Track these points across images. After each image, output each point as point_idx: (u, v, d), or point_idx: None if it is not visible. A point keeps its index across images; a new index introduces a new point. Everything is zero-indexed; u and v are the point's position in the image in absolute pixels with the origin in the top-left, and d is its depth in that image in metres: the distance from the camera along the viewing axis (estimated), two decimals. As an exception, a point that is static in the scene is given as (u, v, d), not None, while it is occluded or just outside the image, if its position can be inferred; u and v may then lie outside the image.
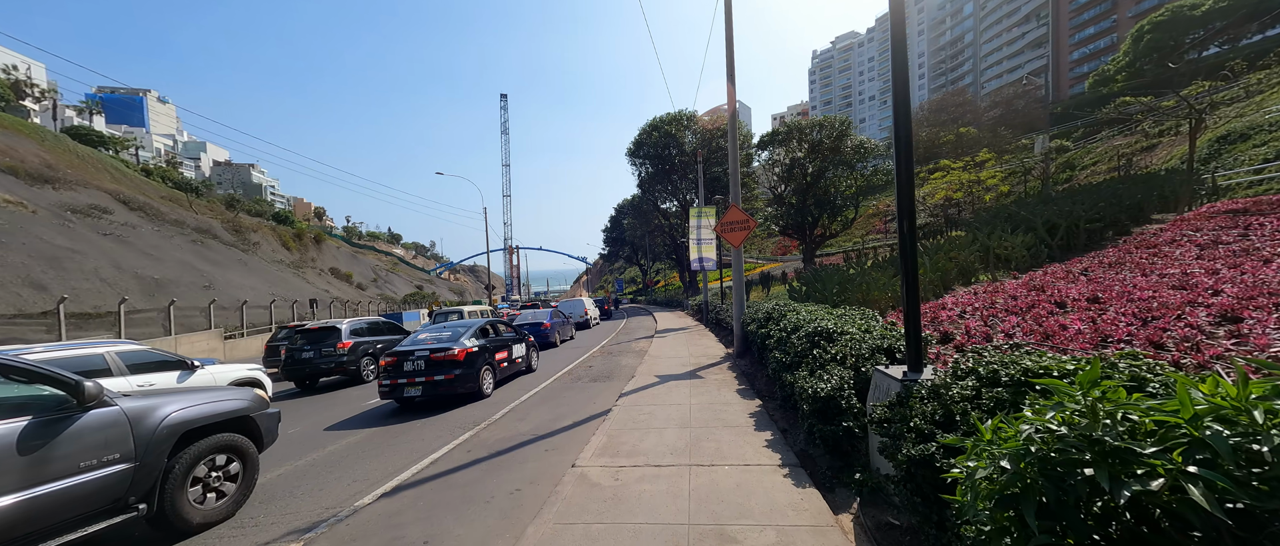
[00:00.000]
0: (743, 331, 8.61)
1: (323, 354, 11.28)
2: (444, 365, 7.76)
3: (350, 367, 11.52)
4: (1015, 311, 5.57)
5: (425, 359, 7.77)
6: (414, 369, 7.77)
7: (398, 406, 8.04)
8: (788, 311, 5.74)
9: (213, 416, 4.05)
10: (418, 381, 7.69)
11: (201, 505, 3.92)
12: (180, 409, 3.81)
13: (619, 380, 7.95)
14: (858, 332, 4.09)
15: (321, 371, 11.59)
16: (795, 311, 5.56)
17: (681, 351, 10.58)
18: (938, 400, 2.32)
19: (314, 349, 11.50)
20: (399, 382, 7.78)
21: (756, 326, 6.45)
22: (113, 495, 3.28)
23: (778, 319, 5.85)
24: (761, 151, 36.81)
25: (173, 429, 3.69)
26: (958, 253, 9.43)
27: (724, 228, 8.73)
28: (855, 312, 5.44)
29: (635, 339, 15.24)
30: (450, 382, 7.70)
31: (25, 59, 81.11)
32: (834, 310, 5.66)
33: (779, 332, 5.18)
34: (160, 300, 25.52)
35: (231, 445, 4.19)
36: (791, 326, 5.07)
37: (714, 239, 16.73)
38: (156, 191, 49.85)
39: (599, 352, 12.52)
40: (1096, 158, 36.20)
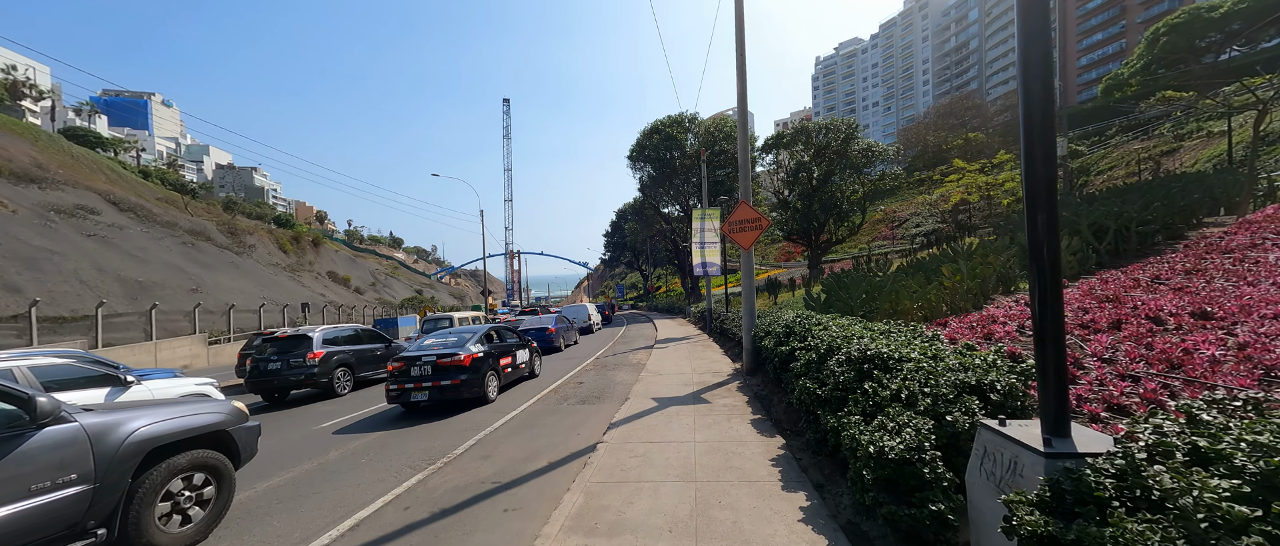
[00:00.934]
0: (754, 346, 7.49)
1: (291, 365, 10.41)
2: (450, 370, 7.82)
3: (321, 380, 10.59)
4: (1097, 328, 4.51)
5: (432, 364, 7.82)
6: (421, 374, 7.81)
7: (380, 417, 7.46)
8: (813, 325, 4.65)
9: (184, 431, 3.72)
10: (424, 386, 7.73)
11: (169, 529, 3.59)
12: (148, 424, 3.50)
13: (610, 402, 6.84)
14: (925, 360, 3.02)
15: (290, 384, 10.62)
16: (823, 325, 4.54)
17: (683, 366, 9.47)
18: (1183, 526, 1.20)
19: (282, 359, 10.60)
20: (406, 387, 7.81)
21: (773, 342, 5.40)
22: (68, 520, 3.02)
23: (802, 334, 4.81)
24: (766, 155, 35.88)
25: (138, 446, 3.39)
26: (993, 257, 8.35)
27: (732, 227, 7.63)
28: (897, 328, 4.42)
29: (633, 349, 14.15)
30: (456, 387, 7.75)
31: (28, 61, 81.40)
32: (871, 325, 4.63)
33: (808, 354, 4.12)
34: (143, 303, 24.59)
35: (205, 462, 3.84)
36: (825, 346, 3.97)
37: (718, 242, 15.71)
38: (152, 193, 49.25)
39: (592, 366, 11.37)
40: (1113, 162, 35.15)
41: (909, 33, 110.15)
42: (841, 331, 4.01)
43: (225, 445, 4.10)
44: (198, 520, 3.76)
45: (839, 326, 4.33)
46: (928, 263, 8.96)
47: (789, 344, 4.71)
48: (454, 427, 6.51)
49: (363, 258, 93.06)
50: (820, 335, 4.30)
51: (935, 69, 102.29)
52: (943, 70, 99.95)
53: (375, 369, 12.27)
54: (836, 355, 3.54)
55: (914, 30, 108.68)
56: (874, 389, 2.88)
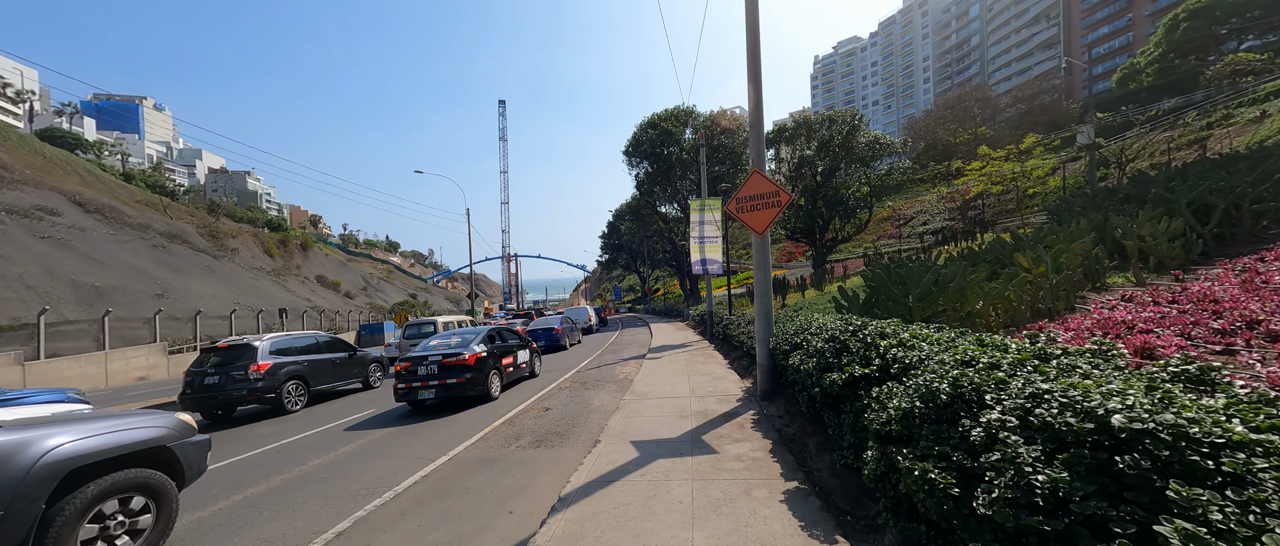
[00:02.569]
0: (771, 362, 5.69)
1: (232, 378, 9.18)
2: (456, 369, 8.04)
3: (267, 395, 9.33)
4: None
5: (438, 363, 8.06)
6: (428, 373, 8.04)
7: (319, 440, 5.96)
8: (888, 339, 2.99)
9: (114, 448, 3.25)
10: (431, 384, 7.95)
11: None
12: (69, 440, 3.05)
13: (574, 446, 4.85)
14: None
15: (232, 400, 9.31)
16: (908, 342, 2.69)
17: (679, 384, 7.49)
18: None
19: (221, 372, 9.35)
20: (413, 386, 8.04)
21: (813, 363, 3.59)
22: None
23: (864, 352, 3.02)
24: (766, 151, 34.17)
25: (53, 467, 2.94)
26: (1079, 244, 6.54)
27: (742, 205, 5.65)
28: (995, 340, 2.66)
29: (622, 359, 12.26)
30: (462, 385, 7.98)
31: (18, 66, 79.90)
32: (960, 337, 2.86)
33: (900, 397, 2.28)
34: (98, 310, 22.72)
35: (141, 483, 3.35)
36: (946, 386, 2.06)
37: (719, 237, 13.93)
38: (131, 195, 47.50)
39: (569, 382, 9.25)
40: (1133, 153, 33.32)
41: (909, 30, 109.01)
42: (950, 353, 2.27)
43: (166, 462, 3.62)
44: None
45: (938, 344, 2.58)
46: (983, 253, 7.14)
47: (845, 370, 2.82)
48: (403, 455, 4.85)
49: (356, 262, 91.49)
50: (909, 357, 2.53)
51: (936, 66, 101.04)
52: (944, 67, 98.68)
53: (336, 380, 11.02)
54: (990, 408, 1.74)
55: (914, 27, 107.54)
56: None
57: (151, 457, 3.55)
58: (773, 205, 5.59)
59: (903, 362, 2.62)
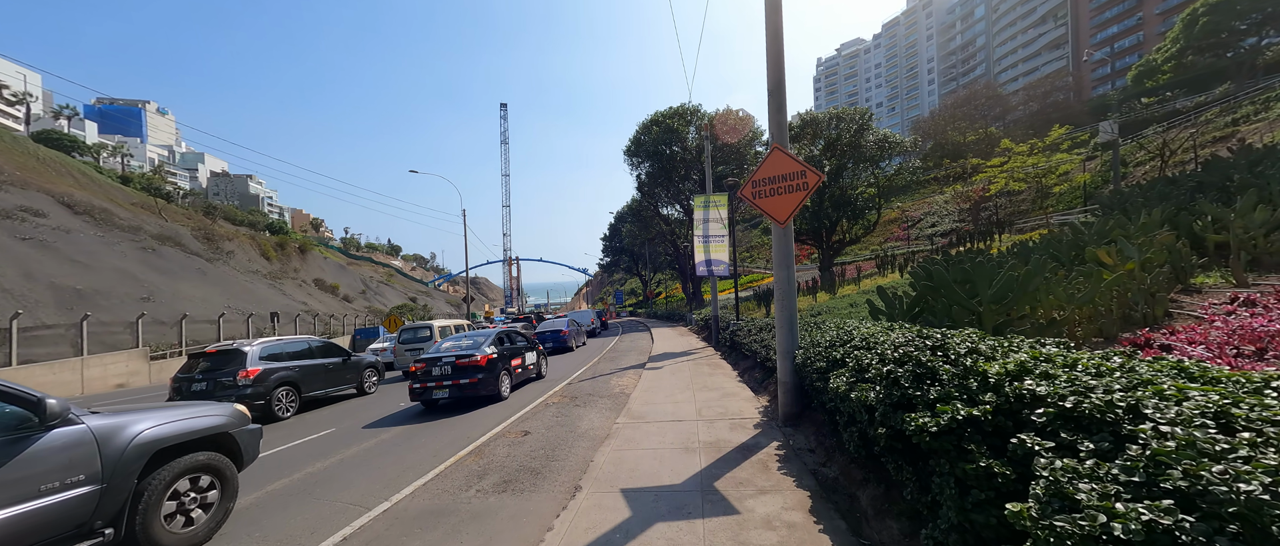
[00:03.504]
0: (796, 378, 4.67)
1: (220, 385, 8.93)
2: (469, 369, 8.30)
3: (256, 402, 8.94)
4: None
5: (452, 364, 8.33)
6: (442, 373, 8.30)
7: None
8: (998, 362, 1.85)
9: (188, 434, 3.73)
10: (445, 384, 8.22)
11: (175, 529, 3.58)
12: (152, 426, 3.52)
13: (549, 491, 3.81)
14: None
15: None
16: (1030, 366, 1.79)
17: (683, 403, 6.38)
18: None
19: (209, 379, 9.12)
20: (428, 386, 8.31)
21: (881, 393, 2.51)
22: (77, 520, 3.04)
23: (960, 380, 2.05)
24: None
25: (143, 448, 3.40)
26: (1165, 236, 5.48)
27: (760, 189, 4.66)
28: (1142, 361, 1.66)
29: (619, 369, 11.14)
30: (474, 385, 8.24)
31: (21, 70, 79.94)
32: (1071, 353, 1.88)
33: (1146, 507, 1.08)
34: (79, 314, 21.84)
35: (208, 465, 3.82)
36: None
37: (725, 235, 12.92)
38: (126, 197, 46.92)
39: (558, 397, 8.16)
40: (1153, 152, 32.19)
41: (913, 32, 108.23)
42: (1151, 393, 1.34)
43: (228, 447, 4.08)
44: (201, 522, 3.73)
45: (1095, 371, 1.61)
46: (1043, 245, 6.09)
47: (941, 410, 1.88)
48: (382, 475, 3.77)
49: (357, 265, 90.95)
50: (1053, 393, 1.60)
51: (941, 68, 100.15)
52: (948, 69, 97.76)
53: (329, 387, 10.73)
54: None
55: (918, 29, 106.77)
56: None
57: (216, 443, 3.99)
58: (798, 188, 4.57)
59: (1046, 403, 1.63)
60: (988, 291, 3.63)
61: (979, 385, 2.06)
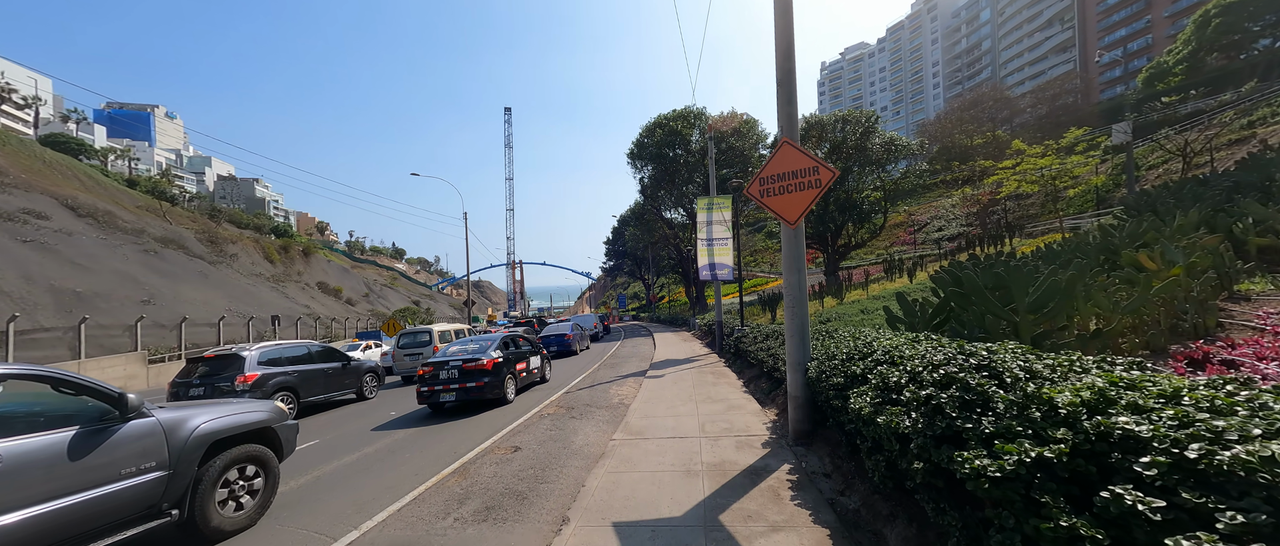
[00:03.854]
0: (808, 393, 4.29)
1: (217, 390, 8.83)
2: (475, 373, 8.44)
3: None
4: None
5: (458, 368, 8.45)
6: (449, 377, 8.42)
7: None
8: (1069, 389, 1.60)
9: (238, 427, 4.11)
10: (452, 388, 8.35)
11: (227, 513, 3.94)
12: (209, 419, 3.90)
13: (535, 521, 3.43)
14: None
15: None
16: (1110, 394, 1.37)
17: (686, 417, 5.97)
18: None
19: (206, 384, 9.05)
20: (435, 389, 8.43)
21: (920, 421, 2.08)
22: (149, 501, 3.40)
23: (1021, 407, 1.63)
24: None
25: (202, 439, 3.77)
26: (1211, 238, 5.05)
27: (768, 187, 4.30)
28: None
29: (619, 377, 10.63)
30: (480, 389, 8.36)
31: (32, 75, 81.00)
32: (1248, 390, 1.54)
33: None
34: (78, 317, 21.71)
35: (255, 456, 4.20)
36: None
37: (729, 238, 12.55)
38: (132, 200, 47.14)
39: (553, 408, 7.67)
40: (1166, 155, 31.67)
41: (918, 36, 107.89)
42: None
43: (271, 441, 4.43)
44: (248, 507, 4.08)
45: (1212, 405, 1.26)
46: (1070, 249, 5.69)
47: (1005, 449, 1.49)
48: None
49: (361, 268, 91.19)
50: (1156, 435, 1.24)
51: (946, 72, 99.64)
52: (953, 73, 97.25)
53: (328, 392, 10.67)
54: None
55: (923, 33, 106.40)
56: None
57: (260, 436, 4.35)
58: (810, 185, 4.20)
59: (1152, 449, 1.25)
60: (1026, 298, 3.24)
61: (1044, 416, 1.68)
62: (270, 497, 4.27)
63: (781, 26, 4.43)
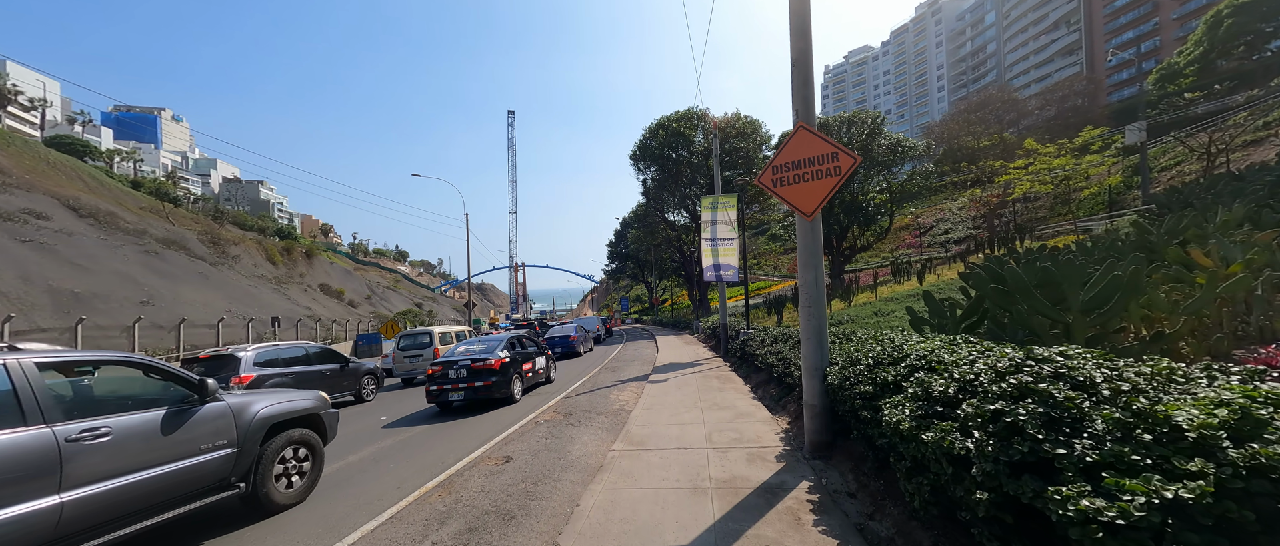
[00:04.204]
0: (827, 400, 3.90)
1: None
2: (483, 373, 8.59)
3: None
4: None
5: (467, 367, 8.60)
6: (457, 377, 8.57)
7: None
8: (1189, 406, 1.22)
9: (291, 413, 4.52)
10: (461, 387, 8.49)
11: (283, 489, 4.37)
12: (268, 405, 4.35)
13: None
14: None
15: None
16: (1259, 414, 1.16)
17: (691, 425, 5.54)
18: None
19: None
20: (444, 388, 8.57)
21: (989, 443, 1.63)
22: (222, 474, 3.85)
23: (1124, 424, 1.26)
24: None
25: (263, 421, 4.20)
26: (1254, 237, 4.62)
27: (782, 176, 3.93)
28: None
29: (620, 381, 10.27)
30: (488, 388, 8.51)
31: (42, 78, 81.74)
32: None
33: None
34: (75, 317, 21.53)
35: (305, 439, 4.61)
36: None
37: (735, 239, 12.16)
38: (136, 201, 47.22)
39: (550, 414, 7.23)
40: (1178, 157, 31.13)
41: (922, 39, 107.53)
42: None
43: (317, 426, 4.88)
44: (299, 485, 4.53)
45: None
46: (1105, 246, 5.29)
47: (1131, 488, 1.05)
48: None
49: (364, 271, 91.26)
50: None
51: (950, 74, 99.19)
52: (958, 75, 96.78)
53: (327, 392, 10.23)
54: None
55: (927, 36, 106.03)
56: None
57: (309, 422, 4.72)
58: (828, 174, 3.83)
59: None
60: (1079, 296, 2.86)
61: (1160, 440, 1.29)
62: (317, 477, 4.70)
63: (796, 3, 4.07)
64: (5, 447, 2.72)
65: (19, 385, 2.92)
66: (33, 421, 2.88)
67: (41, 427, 2.89)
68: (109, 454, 3.10)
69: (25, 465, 2.77)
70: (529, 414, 7.66)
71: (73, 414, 3.08)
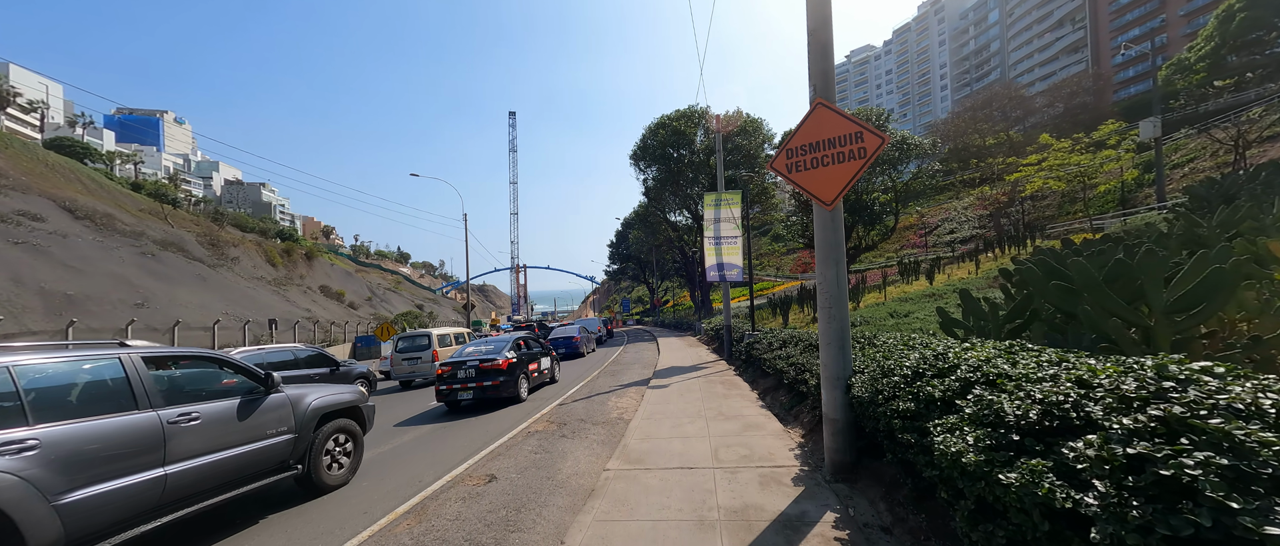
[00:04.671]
0: (851, 414, 3.45)
1: None
2: (491, 372, 8.83)
3: None
4: None
5: (475, 367, 8.86)
6: (466, 376, 8.83)
7: None
8: None
9: (337, 404, 5.05)
10: (469, 386, 8.78)
11: (331, 471, 4.92)
12: (318, 397, 4.89)
13: None
14: None
15: None
16: None
17: (695, 439, 5.05)
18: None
19: None
20: (454, 387, 8.85)
21: (1122, 506, 1.11)
22: (283, 456, 4.40)
23: None
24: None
25: (315, 411, 4.75)
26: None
27: (798, 159, 3.49)
28: None
29: (620, 386, 9.79)
30: (496, 387, 8.79)
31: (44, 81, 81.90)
32: None
33: None
34: (67, 319, 21.15)
35: (348, 428, 5.17)
36: None
37: (738, 237, 11.66)
38: (135, 203, 47.00)
39: (542, 423, 6.72)
40: (1190, 153, 30.45)
41: (924, 37, 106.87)
42: None
43: (358, 417, 5.39)
44: (343, 469, 5.07)
45: None
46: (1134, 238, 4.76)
47: None
48: None
49: (365, 272, 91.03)
50: None
51: (954, 73, 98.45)
52: (961, 74, 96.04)
53: None
54: None
55: (929, 35, 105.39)
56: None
57: (351, 412, 5.28)
58: (852, 156, 3.33)
59: None
60: (1162, 294, 2.36)
61: None
62: (358, 462, 5.24)
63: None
64: (125, 426, 3.18)
65: (131, 375, 3.37)
66: (143, 406, 3.34)
67: (150, 411, 3.36)
68: (199, 435, 3.59)
69: (139, 441, 3.23)
70: (523, 421, 7.19)
71: (171, 400, 3.56)
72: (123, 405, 3.26)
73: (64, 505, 2.86)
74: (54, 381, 3.23)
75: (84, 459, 3.00)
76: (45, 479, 2.83)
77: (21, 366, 3.04)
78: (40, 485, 2.80)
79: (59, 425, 3.00)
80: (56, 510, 2.83)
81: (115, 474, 3.10)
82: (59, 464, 2.90)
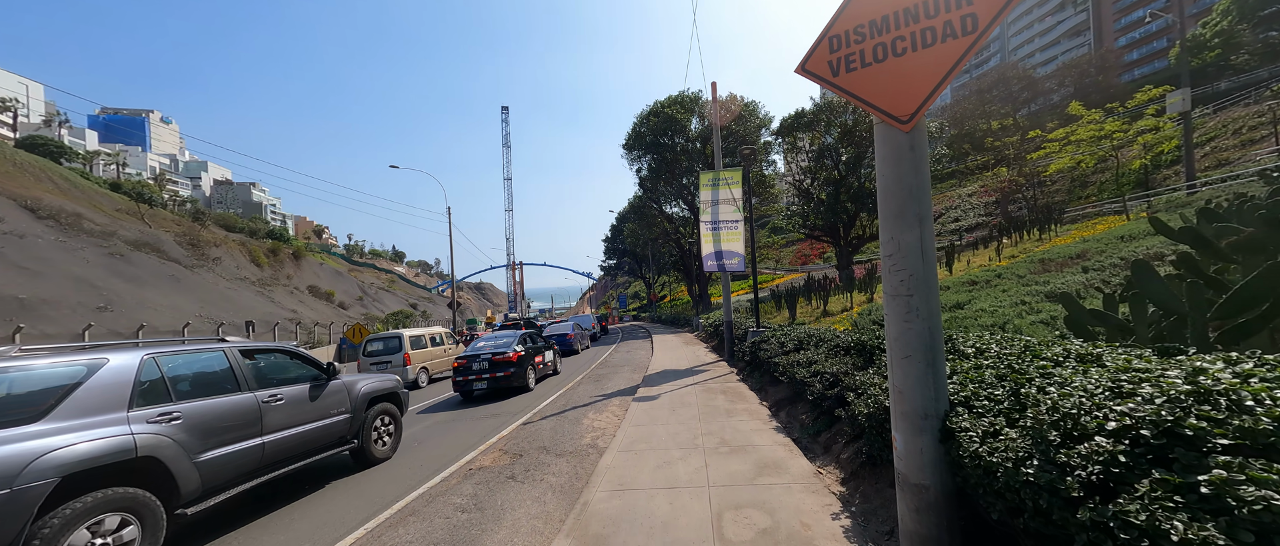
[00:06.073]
0: (948, 481, 1.94)
1: None
2: (503, 364, 9.66)
3: None
4: None
5: (489, 360, 9.68)
6: (480, 368, 9.68)
7: None
8: None
9: (381, 390, 5.89)
10: (484, 377, 9.63)
11: (379, 447, 5.80)
12: (367, 383, 5.74)
13: None
14: None
15: None
16: None
17: (687, 487, 3.68)
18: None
19: None
20: (469, 378, 9.71)
21: None
22: (341, 433, 5.22)
23: None
24: (782, 138, 30.52)
25: (366, 395, 5.60)
26: None
27: (845, 54, 1.91)
28: None
29: (602, 395, 8.41)
30: (507, 378, 9.62)
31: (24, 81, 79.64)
32: None
33: None
34: (15, 325, 19.58)
35: (390, 410, 6.04)
36: None
37: (739, 222, 10.21)
38: (112, 203, 45.24)
39: (490, 458, 5.39)
40: (1211, 132, 28.95)
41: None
42: None
43: (398, 401, 6.28)
44: (387, 445, 5.95)
45: None
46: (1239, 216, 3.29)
47: None
48: None
49: (358, 272, 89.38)
50: None
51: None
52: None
53: None
54: None
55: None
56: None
57: (392, 398, 6.19)
58: (950, 33, 1.83)
59: None
60: None
61: None
62: (398, 440, 6.16)
63: None
64: (235, 404, 4.10)
65: (233, 364, 4.30)
66: (244, 389, 4.26)
67: (249, 393, 4.26)
68: (283, 412, 4.49)
69: (245, 415, 4.14)
70: (486, 441, 5.98)
71: (262, 384, 4.45)
72: (230, 388, 4.14)
73: (200, 462, 3.65)
74: (182, 368, 3.95)
75: (210, 428, 3.80)
76: (188, 442, 3.61)
77: (161, 357, 3.80)
78: (185, 447, 3.57)
79: (192, 402, 3.78)
80: (196, 466, 3.62)
81: (231, 440, 3.94)
82: (196, 431, 3.69)
